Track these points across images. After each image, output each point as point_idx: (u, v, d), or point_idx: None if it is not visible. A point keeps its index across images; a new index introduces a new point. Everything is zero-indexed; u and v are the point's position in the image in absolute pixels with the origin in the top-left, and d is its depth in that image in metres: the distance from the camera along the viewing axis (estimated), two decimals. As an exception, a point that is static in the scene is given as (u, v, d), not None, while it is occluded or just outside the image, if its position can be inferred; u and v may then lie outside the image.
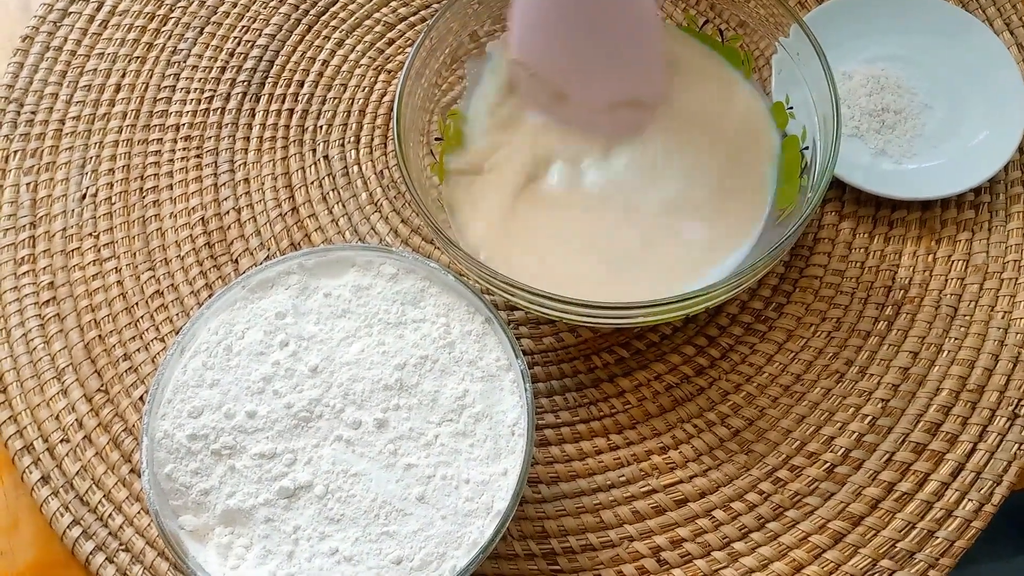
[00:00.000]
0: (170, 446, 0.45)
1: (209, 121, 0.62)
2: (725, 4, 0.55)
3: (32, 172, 0.61)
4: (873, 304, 0.55)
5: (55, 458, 0.53)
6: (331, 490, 0.44)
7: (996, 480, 0.50)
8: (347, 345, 0.47)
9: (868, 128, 0.59)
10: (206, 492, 0.44)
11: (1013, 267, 0.56)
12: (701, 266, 0.52)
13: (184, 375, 0.46)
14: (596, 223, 0.52)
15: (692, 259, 0.51)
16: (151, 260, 0.58)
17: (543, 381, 0.54)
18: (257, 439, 0.45)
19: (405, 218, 0.59)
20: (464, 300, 0.48)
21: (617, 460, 0.52)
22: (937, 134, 0.59)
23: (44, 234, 0.59)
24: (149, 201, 0.60)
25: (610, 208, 0.53)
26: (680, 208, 0.53)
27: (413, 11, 0.65)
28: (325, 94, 0.63)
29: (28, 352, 0.55)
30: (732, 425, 0.52)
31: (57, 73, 0.64)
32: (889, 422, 0.52)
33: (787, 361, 0.54)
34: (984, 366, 0.53)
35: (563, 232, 0.53)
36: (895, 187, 0.57)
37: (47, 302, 0.57)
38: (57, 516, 0.51)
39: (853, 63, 0.61)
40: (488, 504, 0.44)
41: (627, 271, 0.51)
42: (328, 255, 0.49)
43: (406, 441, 0.45)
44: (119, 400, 0.54)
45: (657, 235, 0.52)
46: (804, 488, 0.51)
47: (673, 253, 0.52)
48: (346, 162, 0.61)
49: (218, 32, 0.65)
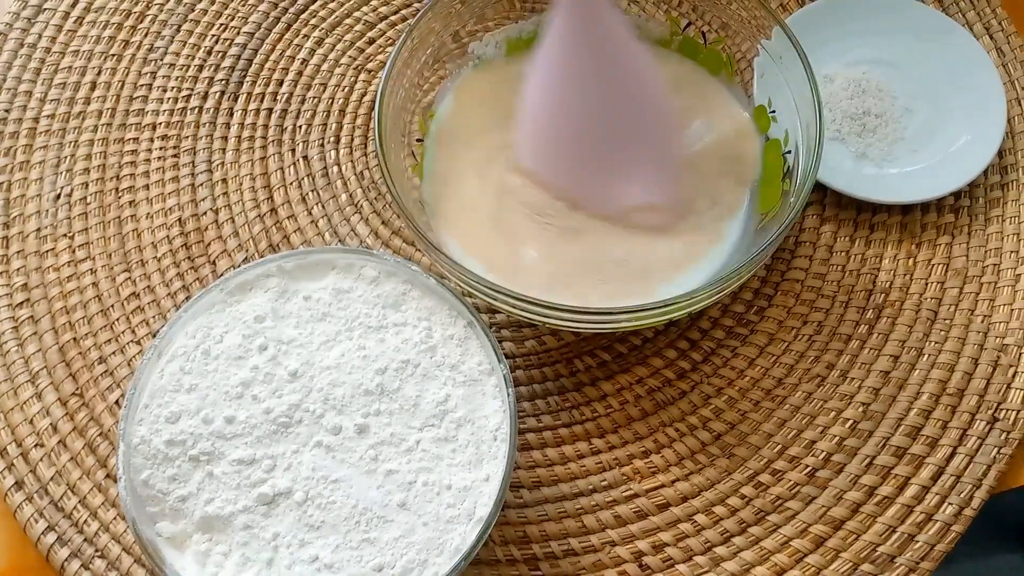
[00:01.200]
0: (147, 452, 0.44)
1: (186, 120, 0.61)
2: (707, 6, 0.55)
3: (6, 172, 0.59)
4: (854, 308, 0.55)
5: (29, 463, 0.52)
6: (311, 496, 0.43)
7: (976, 484, 0.51)
8: (327, 349, 0.47)
9: (849, 131, 0.59)
10: (184, 499, 0.43)
11: (992, 271, 0.56)
12: (682, 269, 0.51)
13: (161, 379, 0.46)
14: (577, 226, 0.52)
15: (673, 261, 0.51)
16: (127, 261, 0.57)
17: (525, 385, 0.54)
18: (236, 445, 0.44)
19: (386, 220, 0.58)
20: (446, 303, 0.48)
21: (599, 464, 0.52)
22: (918, 137, 0.59)
23: (18, 235, 0.58)
24: (125, 201, 0.59)
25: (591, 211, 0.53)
26: (659, 212, 0.52)
27: (394, 10, 0.65)
28: (304, 93, 0.62)
29: (1, 355, 0.54)
30: (714, 429, 0.52)
31: (31, 71, 0.63)
32: (870, 426, 0.52)
33: (768, 365, 0.54)
34: (964, 370, 0.53)
35: (544, 235, 0.52)
36: (876, 191, 0.57)
37: (21, 304, 0.56)
38: (31, 522, 0.50)
39: (835, 66, 0.61)
40: (470, 510, 0.43)
41: (608, 275, 0.51)
42: (308, 258, 0.49)
43: (387, 447, 0.44)
44: (94, 404, 0.53)
45: (637, 239, 0.52)
46: (786, 492, 0.51)
47: (654, 256, 0.52)
48: (326, 163, 0.60)
49: (196, 30, 0.64)
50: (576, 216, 0.52)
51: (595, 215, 0.52)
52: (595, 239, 0.52)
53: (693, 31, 0.56)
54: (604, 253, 0.52)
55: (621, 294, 0.50)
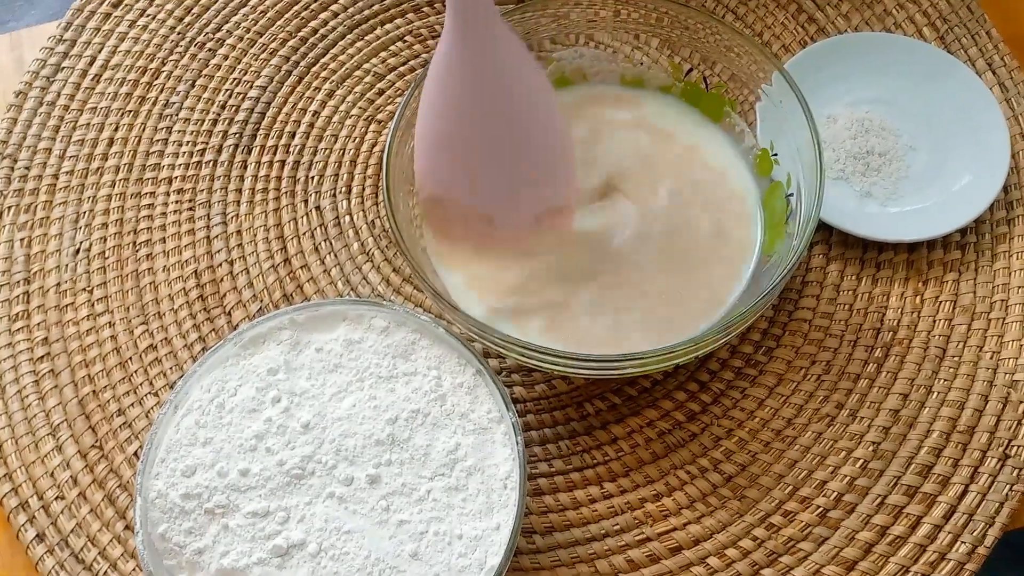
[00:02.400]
0: (164, 505, 0.45)
1: (201, 174, 0.62)
2: (709, 52, 0.56)
3: (26, 227, 0.61)
4: (862, 347, 0.55)
5: (50, 515, 0.53)
6: (324, 548, 0.44)
7: (988, 522, 0.51)
8: (339, 400, 0.47)
9: (853, 171, 0.59)
10: (200, 551, 0.44)
11: (1000, 307, 0.56)
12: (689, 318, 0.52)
13: (177, 433, 0.47)
14: (583, 274, 0.53)
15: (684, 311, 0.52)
16: (144, 314, 0.58)
17: (536, 429, 0.54)
18: (250, 497, 0.45)
19: (397, 267, 0.59)
20: (455, 352, 0.49)
21: (611, 508, 0.52)
22: (922, 176, 0.59)
23: (38, 289, 0.59)
24: (142, 255, 0.60)
25: (597, 260, 0.53)
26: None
27: (402, 61, 0.66)
28: (316, 145, 0.63)
29: (23, 408, 0.56)
30: (725, 471, 0.53)
31: (50, 128, 0.64)
32: (881, 465, 0.52)
33: (778, 405, 0.54)
34: (974, 407, 0.53)
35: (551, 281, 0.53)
36: (881, 230, 0.57)
37: (41, 358, 0.57)
38: (52, 574, 0.51)
39: (837, 106, 0.61)
40: (481, 560, 0.44)
41: (617, 323, 0.51)
42: (319, 310, 0.50)
43: (398, 497, 0.45)
44: (113, 456, 0.54)
45: (648, 281, 0.52)
46: (798, 533, 0.51)
47: (660, 307, 0.52)
48: (338, 212, 0.61)
49: (209, 85, 0.65)
50: (582, 258, 0.53)
51: (602, 257, 0.53)
52: (604, 280, 0.52)
53: (695, 76, 0.57)
54: (612, 302, 0.52)
55: (629, 342, 0.51)
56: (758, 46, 0.53)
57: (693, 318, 0.51)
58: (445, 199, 0.51)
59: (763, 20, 0.66)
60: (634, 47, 0.58)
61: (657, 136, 0.57)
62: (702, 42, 0.56)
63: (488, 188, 0.50)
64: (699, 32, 0.55)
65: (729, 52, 0.55)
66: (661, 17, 0.56)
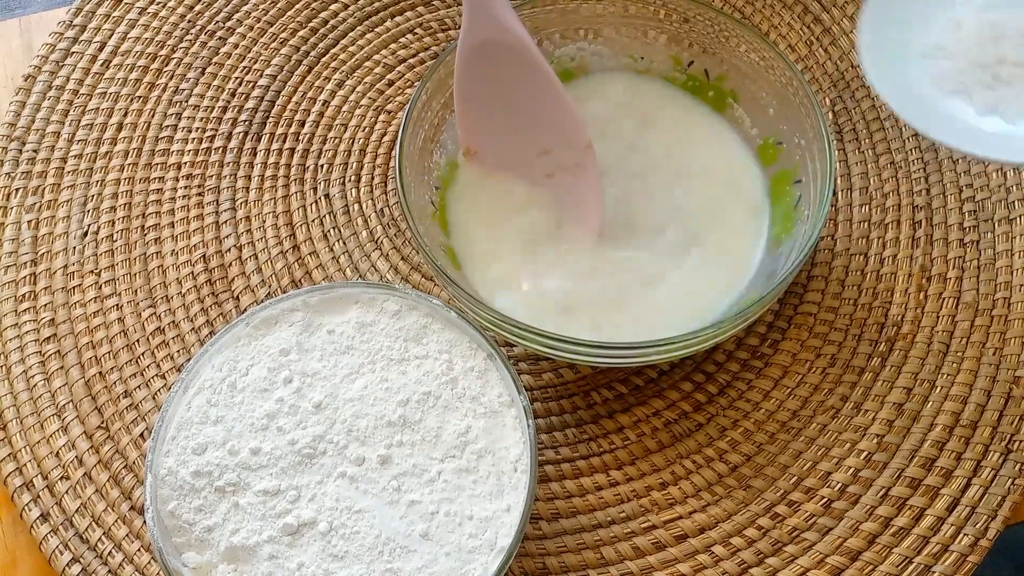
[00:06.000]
0: (174, 483, 0.45)
1: (210, 160, 0.63)
2: (711, 43, 0.56)
3: (34, 210, 0.61)
4: (866, 341, 0.56)
5: (54, 495, 0.52)
6: (335, 527, 0.44)
7: (991, 515, 0.51)
8: (350, 381, 0.48)
9: (976, 82, 0.52)
10: (210, 529, 0.44)
11: (1002, 304, 0.57)
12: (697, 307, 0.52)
13: (188, 412, 0.47)
14: (593, 262, 0.53)
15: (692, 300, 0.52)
16: (152, 297, 0.58)
17: (543, 417, 0.54)
18: (261, 476, 0.45)
19: (405, 255, 0.60)
20: (466, 336, 0.49)
21: (617, 496, 0.52)
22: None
23: (45, 271, 0.59)
24: (150, 239, 0.60)
25: (607, 247, 0.54)
26: (669, 254, 0.54)
27: (412, 53, 0.66)
28: (326, 134, 0.64)
29: (28, 389, 0.55)
30: (730, 461, 0.53)
31: (59, 112, 0.64)
32: (884, 457, 0.53)
33: (783, 397, 0.55)
34: (976, 402, 0.54)
35: (560, 269, 0.53)
36: (1001, 150, 0.50)
37: (48, 339, 0.57)
38: (56, 554, 0.51)
39: (967, 8, 0.54)
40: (491, 541, 0.44)
41: (628, 313, 0.52)
42: (332, 292, 0.50)
43: (409, 477, 0.45)
44: (119, 437, 0.54)
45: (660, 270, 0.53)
46: (802, 523, 0.51)
47: (669, 295, 0.53)
48: (347, 200, 0.61)
49: (220, 72, 0.66)
50: (597, 246, 0.53)
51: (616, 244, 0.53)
52: (615, 269, 0.53)
53: (697, 68, 0.58)
54: (621, 290, 0.53)
55: (637, 331, 0.51)
56: (759, 35, 0.54)
57: (703, 308, 0.52)
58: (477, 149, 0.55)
59: (769, 20, 0.67)
60: (643, 42, 0.59)
61: (660, 128, 0.57)
62: (703, 33, 0.56)
63: (507, 135, 0.55)
64: (699, 23, 0.56)
65: (728, 41, 0.55)
66: (670, 13, 0.57)
